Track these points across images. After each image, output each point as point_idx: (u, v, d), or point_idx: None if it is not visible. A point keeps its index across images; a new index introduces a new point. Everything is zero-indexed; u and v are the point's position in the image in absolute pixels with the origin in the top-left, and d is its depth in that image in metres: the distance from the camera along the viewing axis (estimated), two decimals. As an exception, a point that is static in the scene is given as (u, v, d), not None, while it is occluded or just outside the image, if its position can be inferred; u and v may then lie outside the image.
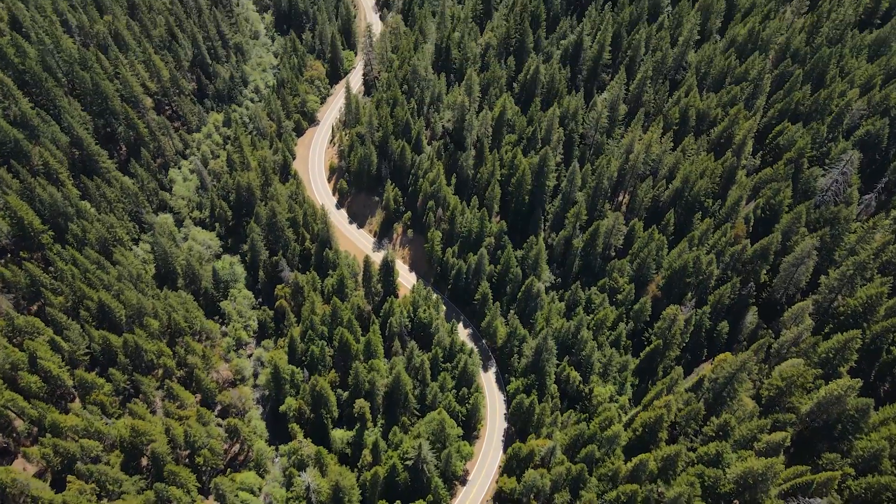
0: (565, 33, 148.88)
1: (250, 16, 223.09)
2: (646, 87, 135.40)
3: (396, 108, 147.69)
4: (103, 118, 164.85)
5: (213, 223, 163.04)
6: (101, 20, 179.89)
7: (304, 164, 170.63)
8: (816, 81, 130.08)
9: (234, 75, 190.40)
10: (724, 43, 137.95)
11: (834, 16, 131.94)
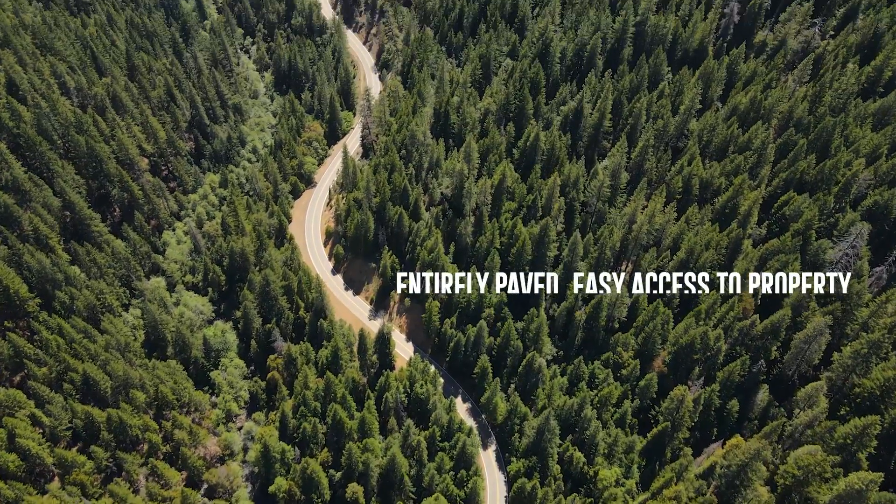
0: (565, 99, 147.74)
1: (250, 75, 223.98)
2: (648, 155, 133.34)
3: (394, 173, 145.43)
4: (97, 180, 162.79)
5: (206, 288, 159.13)
6: (99, 82, 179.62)
7: (301, 227, 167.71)
8: (821, 151, 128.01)
9: (231, 136, 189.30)
10: (725, 111, 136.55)
11: (836, 85, 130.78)
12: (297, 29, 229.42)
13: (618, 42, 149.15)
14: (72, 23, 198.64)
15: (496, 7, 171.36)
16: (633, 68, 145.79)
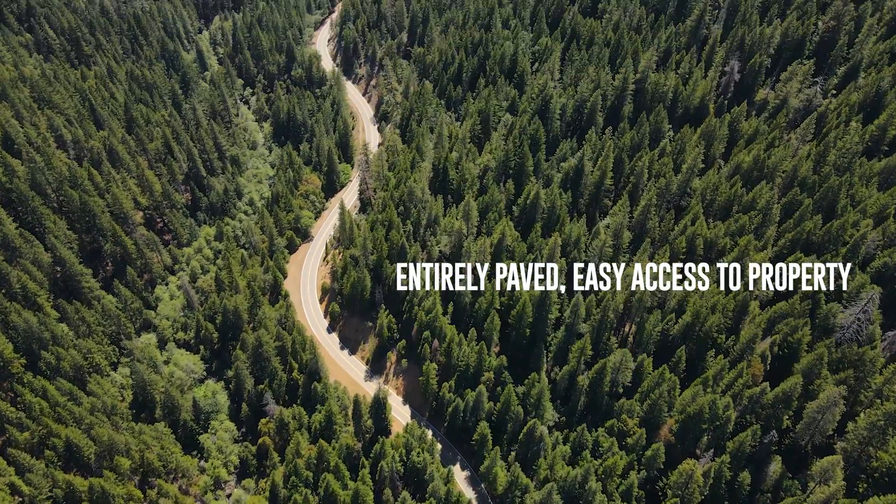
0: (565, 156, 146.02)
1: (249, 126, 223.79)
2: (650, 215, 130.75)
3: (392, 230, 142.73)
4: (90, 234, 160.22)
5: (199, 345, 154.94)
6: (97, 135, 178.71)
7: (296, 282, 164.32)
8: (827, 211, 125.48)
9: (228, 188, 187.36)
10: (728, 169, 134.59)
11: (840, 144, 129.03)
12: (297, 80, 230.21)
13: (618, 99, 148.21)
14: (72, 75, 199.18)
15: (495, 62, 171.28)
16: (633, 126, 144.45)
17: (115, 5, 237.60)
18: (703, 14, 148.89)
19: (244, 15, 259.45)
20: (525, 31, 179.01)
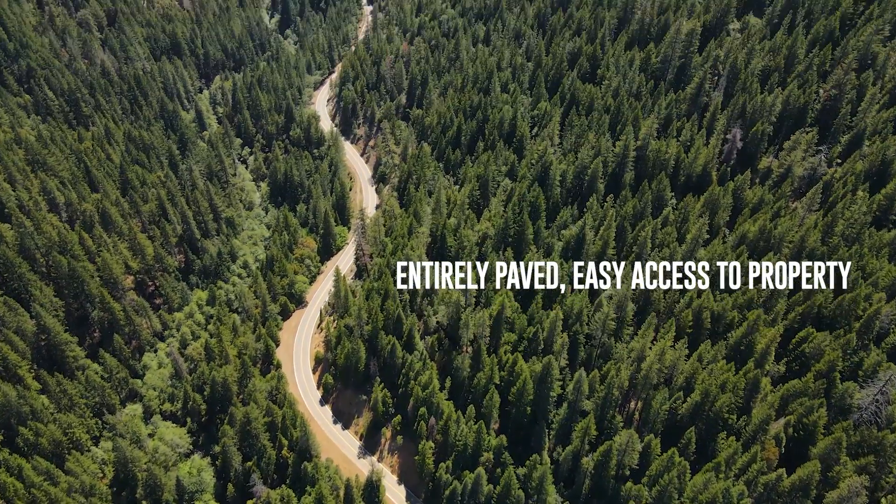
0: (566, 223, 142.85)
1: (246, 186, 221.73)
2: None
3: (388, 300, 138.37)
4: (78, 301, 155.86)
5: (185, 417, 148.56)
6: (90, 198, 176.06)
7: (289, 351, 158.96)
8: (837, 284, 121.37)
9: (222, 251, 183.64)
10: (734, 239, 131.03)
11: (847, 214, 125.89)
12: (296, 140, 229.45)
13: (619, 166, 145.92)
14: (69, 136, 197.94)
15: (494, 126, 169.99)
16: (635, 193, 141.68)
17: (116, 66, 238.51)
18: (703, 82, 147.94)
19: (245, 75, 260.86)
20: (524, 95, 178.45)
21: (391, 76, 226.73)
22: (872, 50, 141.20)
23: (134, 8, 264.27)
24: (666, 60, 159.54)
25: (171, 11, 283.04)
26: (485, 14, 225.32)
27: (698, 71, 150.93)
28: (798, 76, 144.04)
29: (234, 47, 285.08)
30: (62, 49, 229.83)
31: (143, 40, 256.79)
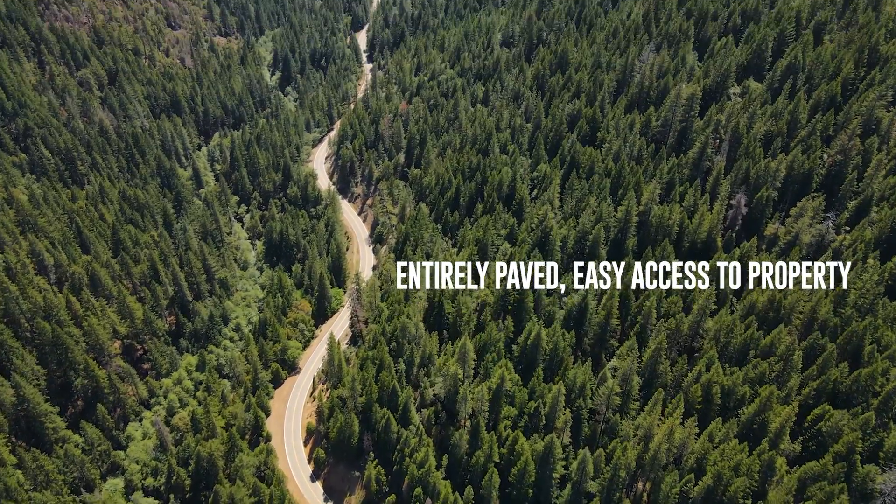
0: (568, 289, 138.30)
1: (241, 244, 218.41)
2: (661, 359, 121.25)
3: (383, 371, 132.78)
4: (61, 368, 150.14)
5: (169, 493, 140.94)
6: (80, 259, 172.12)
7: (280, 421, 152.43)
8: (853, 357, 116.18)
9: (214, 314, 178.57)
10: (742, 309, 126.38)
11: (859, 283, 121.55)
12: (293, 199, 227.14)
13: (621, 232, 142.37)
14: (63, 195, 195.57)
15: (493, 188, 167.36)
16: (638, 260, 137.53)
17: (114, 124, 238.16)
18: (705, 146, 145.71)
19: (243, 132, 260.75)
20: (523, 156, 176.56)
21: (390, 135, 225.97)
22: (876, 115, 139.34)
23: (135, 67, 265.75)
24: (666, 124, 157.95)
25: (172, 70, 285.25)
26: (483, 74, 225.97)
27: (700, 135, 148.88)
28: (801, 141, 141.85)
29: (234, 105, 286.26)
30: (61, 108, 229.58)
31: (144, 98, 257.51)
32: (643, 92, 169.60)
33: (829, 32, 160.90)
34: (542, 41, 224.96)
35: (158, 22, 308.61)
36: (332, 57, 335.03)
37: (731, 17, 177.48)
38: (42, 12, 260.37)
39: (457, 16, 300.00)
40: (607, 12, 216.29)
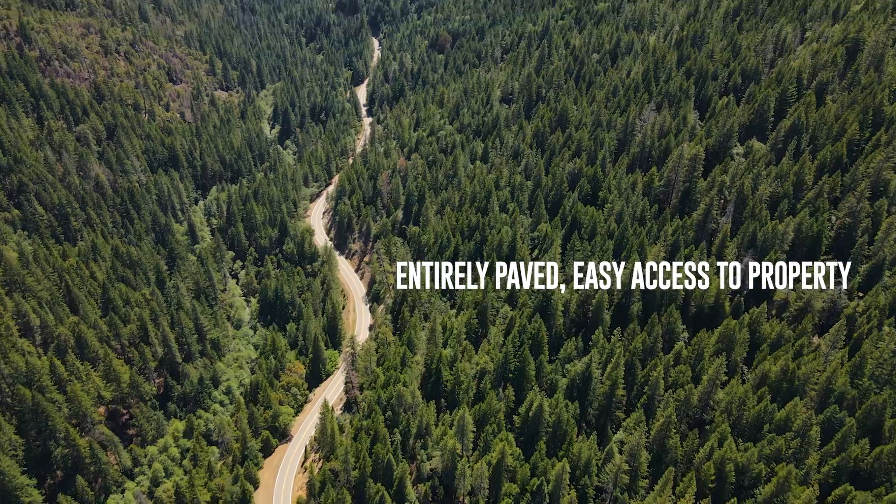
0: (570, 356, 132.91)
1: (235, 302, 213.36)
2: (670, 433, 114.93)
3: (377, 443, 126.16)
4: (41, 437, 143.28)
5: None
6: (67, 320, 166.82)
7: (269, 493, 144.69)
8: (873, 432, 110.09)
9: (203, 377, 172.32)
10: (753, 378, 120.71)
11: (876, 353, 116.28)
12: (289, 255, 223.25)
13: (625, 296, 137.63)
14: (55, 251, 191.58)
15: (492, 248, 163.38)
16: (644, 326, 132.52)
17: (111, 179, 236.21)
18: (710, 207, 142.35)
19: (241, 187, 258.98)
20: (523, 215, 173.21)
21: (388, 191, 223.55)
22: (884, 177, 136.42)
23: (135, 121, 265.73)
24: (669, 184, 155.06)
25: (171, 124, 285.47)
26: (483, 131, 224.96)
27: (704, 196, 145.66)
28: (808, 203, 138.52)
29: (232, 158, 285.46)
30: (57, 163, 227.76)
31: (142, 153, 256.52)
32: (645, 151, 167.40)
33: (832, 93, 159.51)
34: (542, 98, 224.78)
35: (160, 77, 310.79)
36: (332, 111, 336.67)
37: (731, 77, 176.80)
38: (44, 68, 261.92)
39: (456, 72, 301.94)
40: (606, 70, 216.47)
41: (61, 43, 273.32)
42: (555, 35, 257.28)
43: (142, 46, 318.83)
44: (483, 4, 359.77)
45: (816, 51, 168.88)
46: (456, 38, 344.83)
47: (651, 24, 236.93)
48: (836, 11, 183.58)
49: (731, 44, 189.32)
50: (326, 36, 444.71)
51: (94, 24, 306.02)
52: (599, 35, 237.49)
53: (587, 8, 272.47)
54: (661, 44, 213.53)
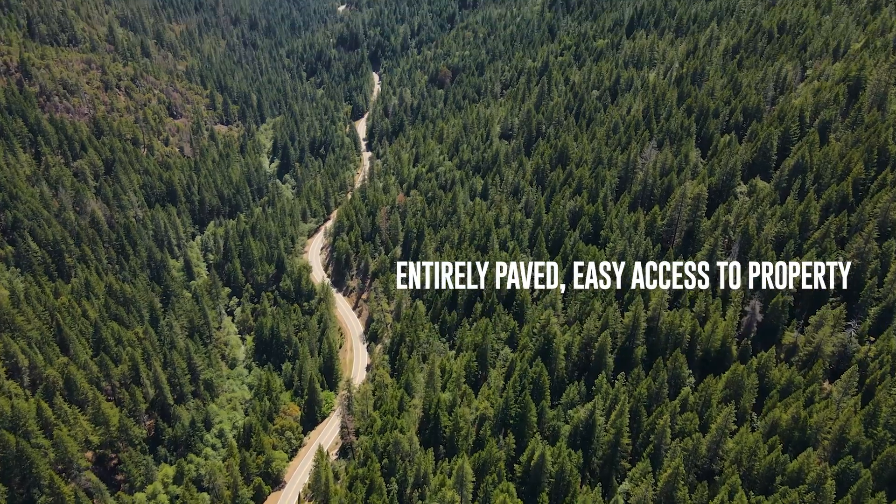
0: (573, 401, 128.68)
1: (230, 340, 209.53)
2: (678, 484, 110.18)
3: (373, 493, 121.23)
4: (24, 485, 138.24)
5: None
6: (57, 361, 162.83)
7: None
8: (890, 485, 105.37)
9: (195, 419, 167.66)
10: (763, 426, 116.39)
11: (890, 400, 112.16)
12: (285, 292, 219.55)
13: (629, 339, 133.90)
14: (47, 288, 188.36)
15: (492, 289, 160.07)
16: (649, 371, 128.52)
17: (107, 214, 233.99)
18: (714, 248, 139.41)
19: (238, 222, 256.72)
20: (524, 253, 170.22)
21: (387, 227, 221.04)
22: (891, 217, 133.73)
23: (133, 156, 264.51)
24: (672, 223, 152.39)
25: (170, 159, 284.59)
26: (482, 167, 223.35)
27: (708, 236, 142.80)
28: (815, 244, 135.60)
29: (230, 193, 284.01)
30: (54, 199, 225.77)
31: (139, 188, 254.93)
32: (647, 189, 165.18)
33: (835, 131, 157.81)
34: (542, 134, 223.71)
35: (160, 111, 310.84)
36: (332, 145, 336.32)
37: (732, 115, 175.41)
38: (43, 104, 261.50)
39: (456, 107, 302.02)
40: (606, 107, 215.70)
41: (62, 78, 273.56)
42: (554, 71, 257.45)
43: (143, 81, 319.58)
44: (482, 40, 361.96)
45: (818, 89, 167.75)
46: (455, 74, 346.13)
47: (650, 61, 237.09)
48: (837, 50, 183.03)
49: (732, 81, 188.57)
50: (327, 70, 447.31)
51: (95, 59, 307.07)
52: (599, 71, 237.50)
53: (586, 44, 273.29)
54: (660, 81, 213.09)
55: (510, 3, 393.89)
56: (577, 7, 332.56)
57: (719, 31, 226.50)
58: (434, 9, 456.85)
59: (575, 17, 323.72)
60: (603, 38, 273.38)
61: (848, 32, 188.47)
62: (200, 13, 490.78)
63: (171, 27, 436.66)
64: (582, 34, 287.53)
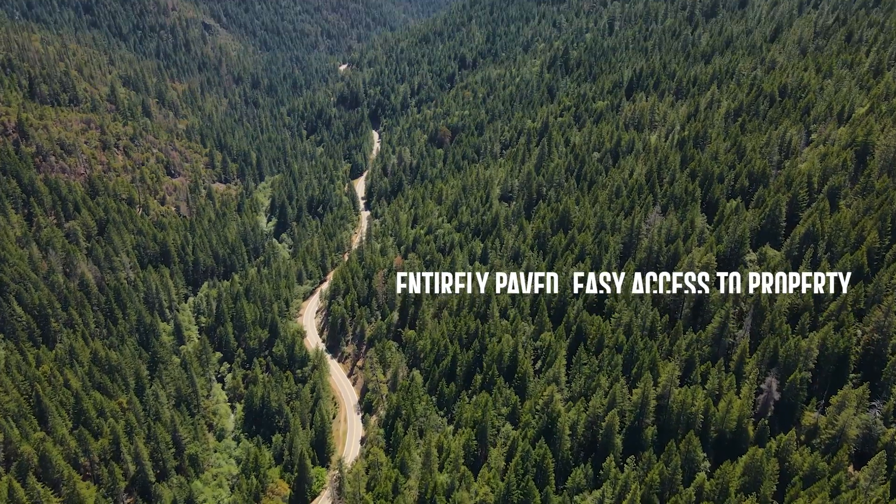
0: (579, 486, 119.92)
1: (220, 409, 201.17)
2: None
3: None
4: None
5: None
6: (33, 436, 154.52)
7: None
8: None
9: (177, 498, 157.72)
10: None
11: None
12: (278, 358, 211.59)
13: (638, 418, 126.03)
14: (30, 355, 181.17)
15: (493, 358, 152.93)
16: (660, 454, 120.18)
17: (97, 277, 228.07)
18: (725, 320, 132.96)
19: (232, 283, 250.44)
20: (525, 321, 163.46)
21: (383, 292, 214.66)
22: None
23: (127, 217, 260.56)
24: (680, 293, 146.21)
25: (166, 219, 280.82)
26: (482, 230, 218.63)
27: (719, 308, 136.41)
28: (831, 316, 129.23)
29: (226, 253, 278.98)
30: (43, 261, 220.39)
31: (132, 248, 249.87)
32: (652, 256, 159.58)
33: (844, 197, 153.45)
34: (542, 196, 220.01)
35: (157, 170, 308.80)
36: (330, 204, 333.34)
37: (737, 179, 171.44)
38: (39, 164, 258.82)
39: (455, 167, 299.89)
40: (608, 170, 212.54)
41: (59, 139, 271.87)
42: (554, 132, 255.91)
43: (142, 140, 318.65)
44: (482, 100, 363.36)
45: (825, 154, 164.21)
46: (455, 133, 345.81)
47: (651, 124, 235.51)
48: (841, 114, 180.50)
49: (735, 145, 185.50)
50: (327, 128, 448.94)
51: (95, 119, 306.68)
52: (599, 133, 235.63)
53: (585, 106, 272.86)
54: (662, 143, 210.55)
55: (509, 64, 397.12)
56: (575, 68, 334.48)
57: (720, 94, 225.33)
58: (434, 69, 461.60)
59: (574, 78, 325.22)
60: (602, 99, 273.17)
61: (851, 96, 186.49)
62: (203, 72, 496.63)
63: (174, 86, 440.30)
64: (581, 95, 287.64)
